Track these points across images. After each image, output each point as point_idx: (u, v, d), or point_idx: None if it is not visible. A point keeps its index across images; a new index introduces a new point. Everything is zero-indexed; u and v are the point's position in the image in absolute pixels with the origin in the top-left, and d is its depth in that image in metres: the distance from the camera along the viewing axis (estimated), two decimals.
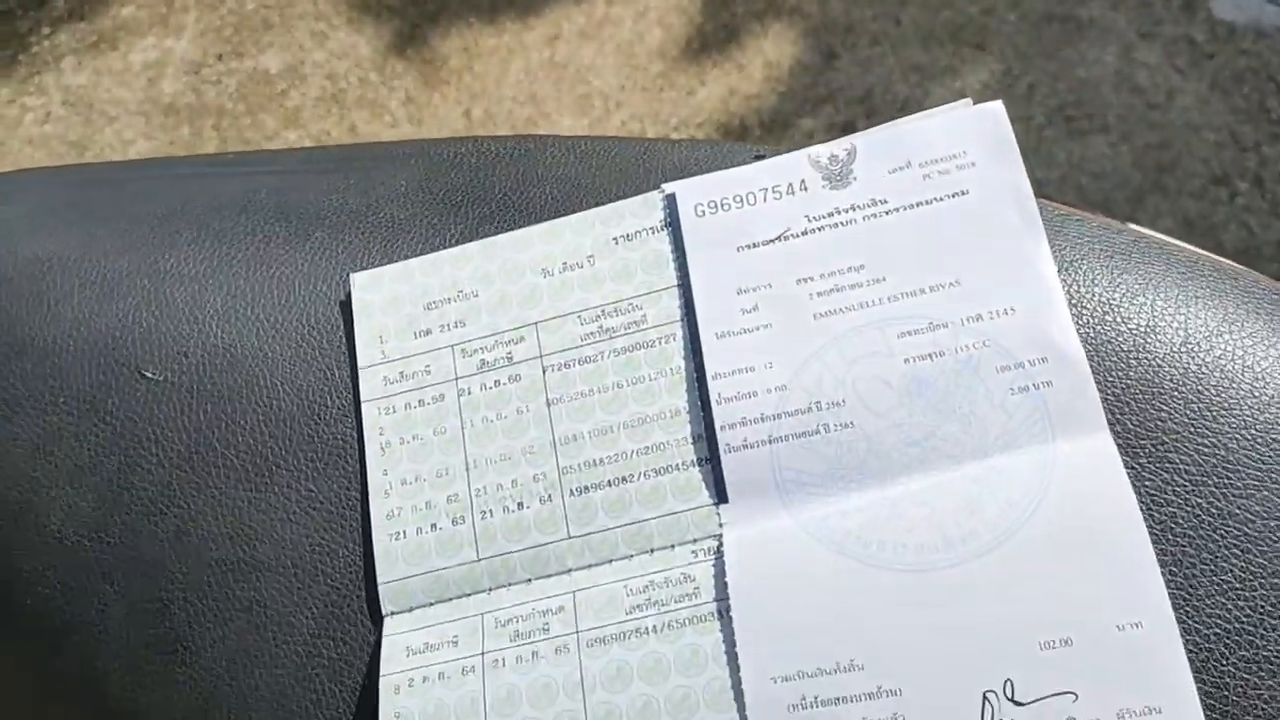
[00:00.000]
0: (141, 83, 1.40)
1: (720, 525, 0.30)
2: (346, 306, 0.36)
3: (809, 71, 1.40)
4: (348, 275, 0.36)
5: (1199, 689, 0.26)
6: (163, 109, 1.38)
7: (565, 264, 0.34)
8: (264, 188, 0.39)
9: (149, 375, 0.35)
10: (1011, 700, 0.26)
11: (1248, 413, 0.29)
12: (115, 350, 0.36)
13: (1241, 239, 1.27)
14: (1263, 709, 0.26)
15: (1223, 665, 0.27)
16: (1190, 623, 0.27)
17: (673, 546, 0.31)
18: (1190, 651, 0.27)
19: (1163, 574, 0.27)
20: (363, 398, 0.34)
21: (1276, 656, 0.27)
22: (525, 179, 0.38)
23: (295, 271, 0.37)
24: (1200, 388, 0.30)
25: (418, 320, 0.35)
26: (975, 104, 0.33)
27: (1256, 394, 0.29)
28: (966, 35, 1.28)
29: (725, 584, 0.29)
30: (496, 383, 0.33)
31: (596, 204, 0.36)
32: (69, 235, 0.38)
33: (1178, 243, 0.33)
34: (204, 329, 0.36)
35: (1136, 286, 0.31)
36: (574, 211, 0.35)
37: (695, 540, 0.30)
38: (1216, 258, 0.33)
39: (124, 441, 0.34)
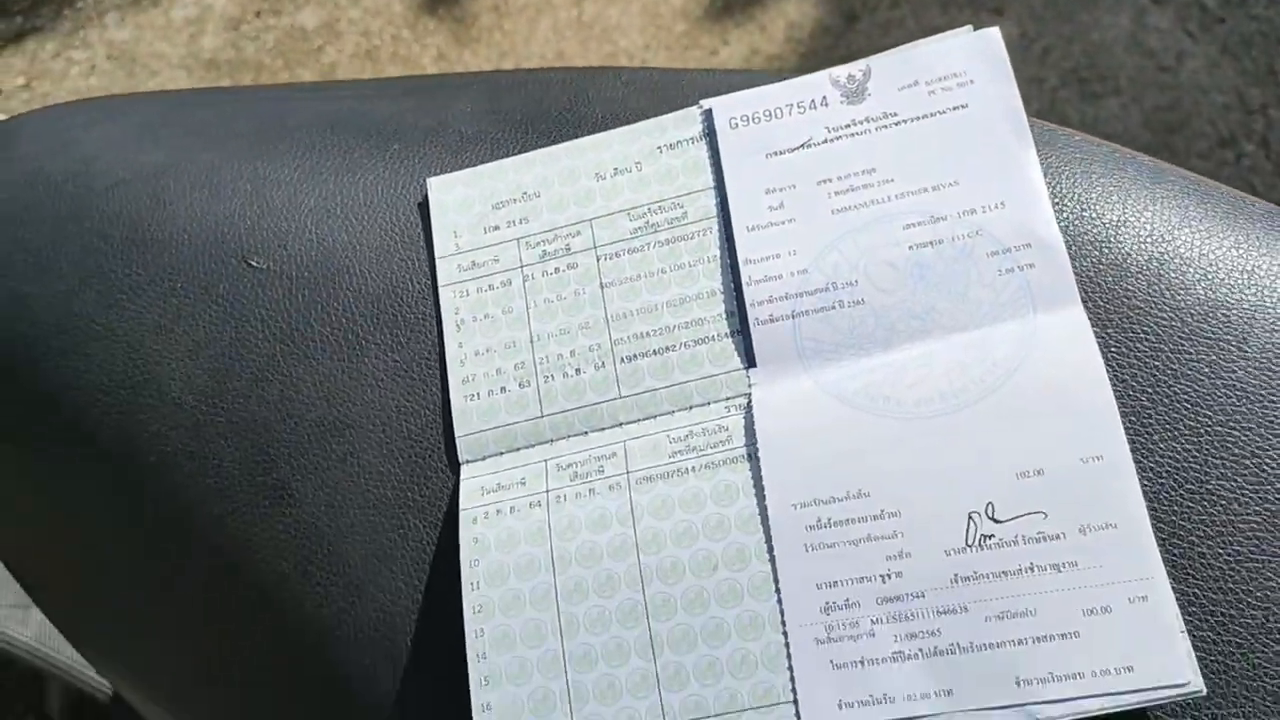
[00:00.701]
0: (183, 38, 1.45)
1: (750, 385, 0.36)
2: (424, 207, 0.41)
3: (829, 33, 1.44)
4: (424, 180, 0.41)
5: (1150, 514, 0.32)
6: (203, 64, 1.43)
7: (615, 169, 0.40)
8: (344, 109, 0.45)
9: (254, 264, 0.41)
10: (992, 519, 0.32)
11: (1201, 292, 0.34)
12: (224, 243, 0.41)
13: None
14: (1204, 531, 0.32)
15: (1171, 495, 0.32)
16: (1144, 460, 0.32)
17: (709, 403, 0.36)
18: (1144, 483, 0.32)
19: (1122, 421, 0.33)
20: (440, 283, 0.40)
21: (1216, 490, 0.32)
22: (577, 101, 0.43)
23: (377, 178, 0.42)
24: (1161, 271, 0.35)
25: (487, 218, 0.40)
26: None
27: (1209, 277, 0.35)
28: None
29: (754, 432, 0.35)
30: (556, 270, 0.39)
31: (642, 119, 0.41)
32: (175, 147, 0.44)
33: (1149, 158, 0.38)
34: (300, 225, 0.41)
35: (1110, 188, 0.36)
36: (621, 126, 0.41)
37: (728, 398, 0.36)
38: (1183, 170, 0.38)
39: (234, 321, 0.40)
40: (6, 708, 1.07)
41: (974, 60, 0.38)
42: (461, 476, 0.37)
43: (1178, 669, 0.30)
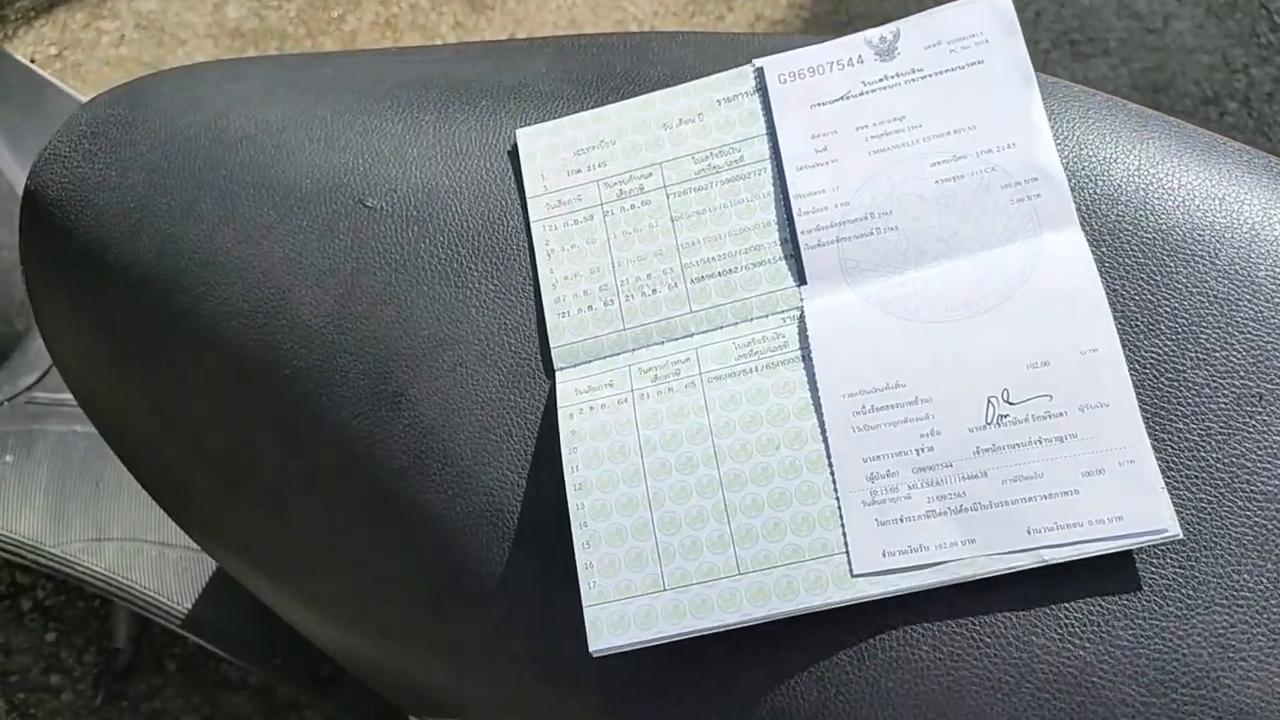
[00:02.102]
0: (208, 7, 1.50)
1: (802, 300, 0.43)
2: (514, 155, 0.48)
3: None
4: (513, 131, 0.48)
5: (1137, 395, 0.39)
6: (229, 33, 1.48)
7: (680, 120, 0.46)
8: (434, 71, 0.51)
9: (369, 205, 0.47)
10: (1007, 401, 0.39)
11: (1180, 216, 0.41)
12: (341, 187, 0.48)
13: None
14: (1181, 409, 0.39)
15: (1154, 381, 0.39)
16: (1132, 353, 0.39)
17: (768, 315, 0.43)
18: (1132, 371, 0.39)
19: (1114, 320, 0.39)
20: (531, 219, 0.46)
21: (1191, 377, 0.39)
22: (640, 61, 0.49)
23: (470, 129, 0.48)
24: (1146, 198, 0.42)
25: (570, 163, 0.47)
26: None
27: (1186, 203, 0.41)
28: None
29: (807, 337, 0.42)
30: (632, 206, 0.45)
31: (698, 79, 0.47)
32: (292, 105, 0.50)
33: (1137, 105, 0.45)
34: (407, 171, 0.48)
35: (1103, 130, 0.43)
36: (683, 83, 0.47)
37: (784, 311, 0.43)
38: (1166, 115, 0.45)
39: (354, 253, 0.47)
40: (68, 641, 1.14)
41: (988, 22, 0.44)
42: (557, 381, 0.44)
43: (1159, 518, 0.37)
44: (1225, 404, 0.39)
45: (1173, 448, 0.38)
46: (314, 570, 0.47)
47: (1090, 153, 0.43)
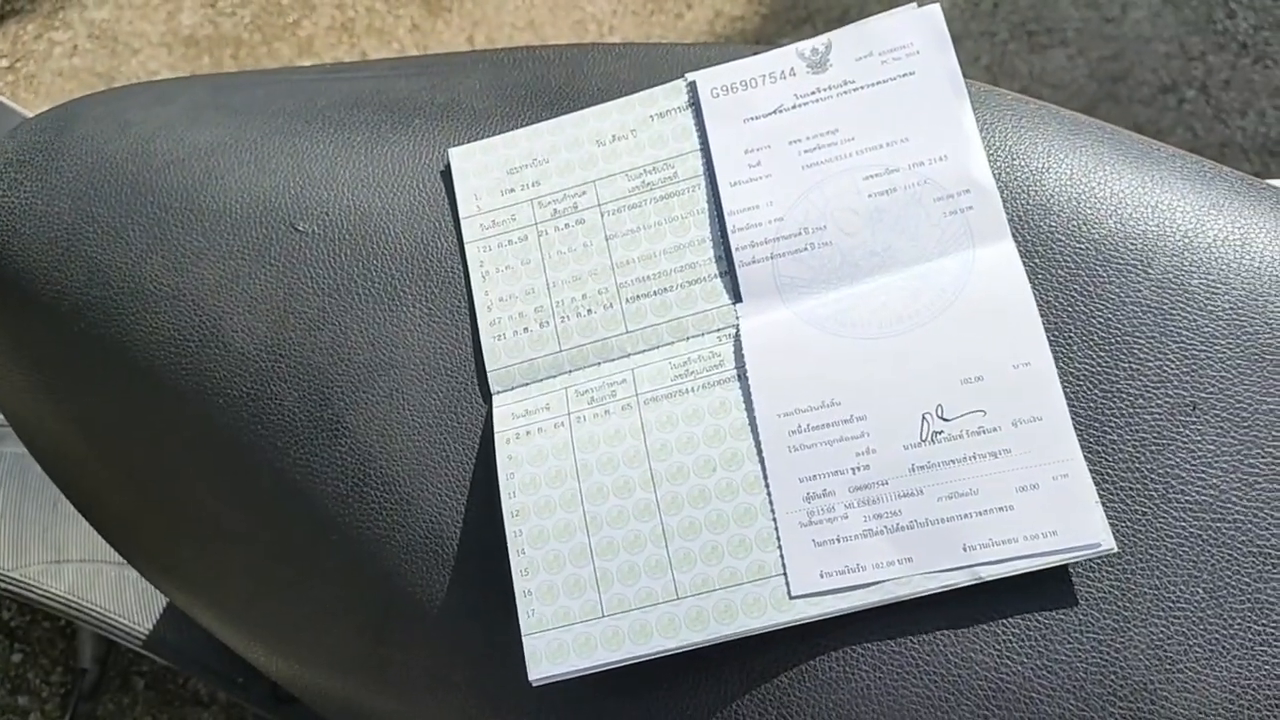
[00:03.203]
0: (161, 15, 1.48)
1: (737, 317, 0.42)
2: (447, 174, 0.47)
3: None
4: (446, 150, 0.47)
5: (1070, 408, 0.39)
6: (183, 40, 1.47)
7: (614, 136, 0.46)
8: (366, 89, 0.50)
9: (300, 229, 0.46)
10: (941, 418, 0.39)
11: (1112, 225, 0.41)
12: (272, 211, 0.47)
13: (1186, 141, 1.38)
14: (1114, 421, 0.39)
15: (1088, 393, 0.39)
16: (1065, 365, 0.39)
17: (703, 334, 0.42)
18: (1065, 384, 0.39)
19: (1046, 333, 0.39)
20: (465, 240, 0.46)
21: (1125, 388, 0.39)
22: (575, 75, 0.49)
23: (404, 149, 0.48)
24: (1078, 208, 0.41)
25: (503, 182, 0.46)
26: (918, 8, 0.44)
27: (1118, 212, 0.41)
28: None
29: (742, 356, 0.41)
30: (566, 225, 0.45)
31: (633, 93, 0.47)
32: (221, 128, 0.49)
33: (1070, 112, 0.45)
34: (339, 193, 0.47)
35: (1035, 139, 0.43)
36: (616, 99, 0.47)
37: (720, 329, 0.42)
38: (1099, 121, 0.45)
39: (286, 279, 0.46)
40: (34, 663, 1.13)
41: (918, 33, 0.44)
42: (494, 405, 0.43)
43: (1093, 532, 0.37)
44: (1159, 414, 0.39)
45: (1107, 459, 0.38)
46: (256, 601, 0.47)
47: (1022, 163, 0.42)
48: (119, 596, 0.89)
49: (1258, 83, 1.43)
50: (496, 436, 0.43)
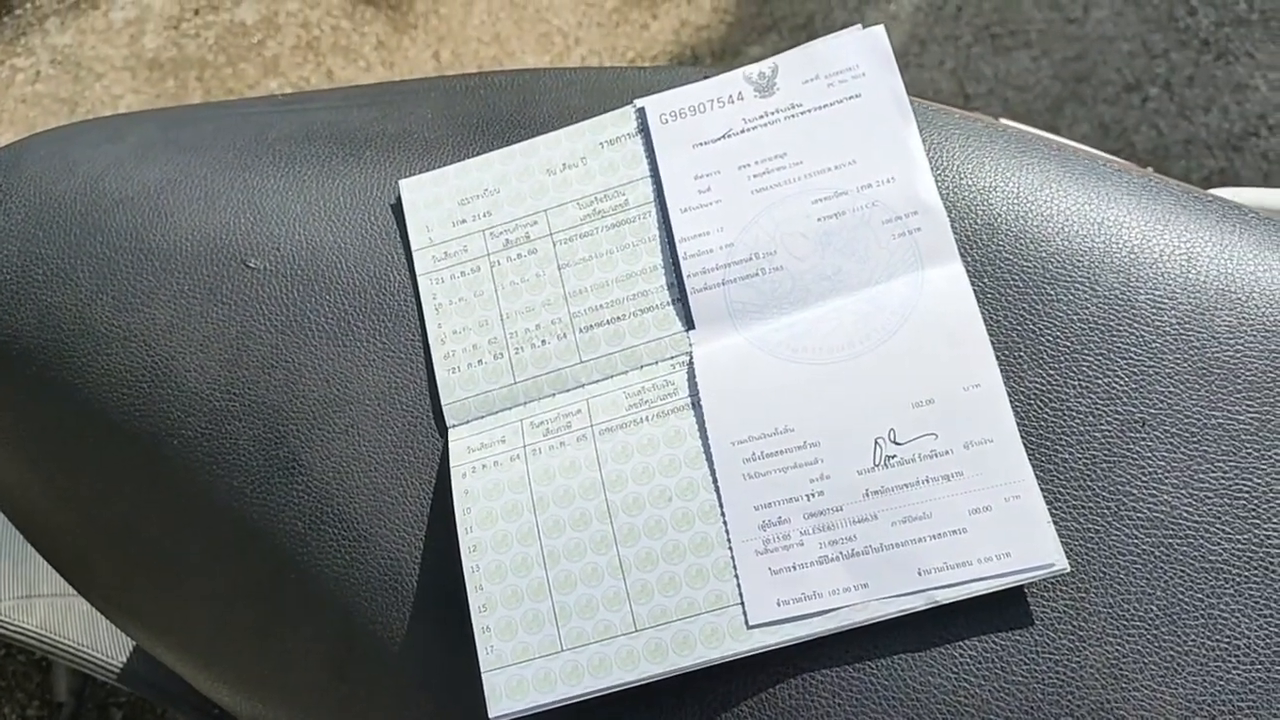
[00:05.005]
0: (124, 39, 1.47)
1: (690, 345, 0.42)
2: (398, 207, 0.47)
3: (754, 1, 1.49)
4: (397, 182, 0.47)
5: (1020, 429, 0.39)
6: (147, 64, 1.46)
7: (564, 164, 0.46)
8: (318, 120, 0.50)
9: (252, 265, 0.46)
10: (894, 442, 0.39)
11: (1060, 243, 0.41)
12: (223, 248, 0.47)
13: (1151, 139, 1.39)
14: (1065, 440, 0.39)
15: (1038, 413, 0.39)
16: (1015, 386, 0.39)
17: (657, 362, 0.42)
18: (1015, 404, 0.39)
19: (995, 354, 0.39)
20: (418, 273, 0.45)
21: (1074, 407, 0.39)
22: (525, 103, 0.49)
23: (355, 182, 0.48)
24: (1025, 227, 0.42)
25: (454, 213, 0.46)
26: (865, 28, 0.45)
27: (1065, 230, 0.41)
28: None
29: (696, 384, 0.41)
30: (518, 255, 0.45)
31: (584, 119, 0.47)
32: (171, 165, 0.49)
33: (1021, 126, 0.45)
34: (290, 229, 0.47)
35: (982, 158, 0.43)
36: (567, 125, 0.47)
37: (673, 357, 0.42)
38: (1048, 137, 0.45)
39: (239, 316, 0.46)
40: (9, 697, 1.12)
41: (864, 55, 0.44)
42: (450, 439, 0.43)
43: (1046, 553, 0.37)
44: (1109, 431, 0.39)
45: (1059, 478, 0.38)
46: (217, 641, 0.46)
47: (969, 182, 0.43)
48: (91, 630, 0.88)
49: (1220, 79, 1.44)
50: (452, 471, 0.42)
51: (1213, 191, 0.45)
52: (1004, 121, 0.46)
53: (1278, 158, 1.39)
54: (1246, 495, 0.37)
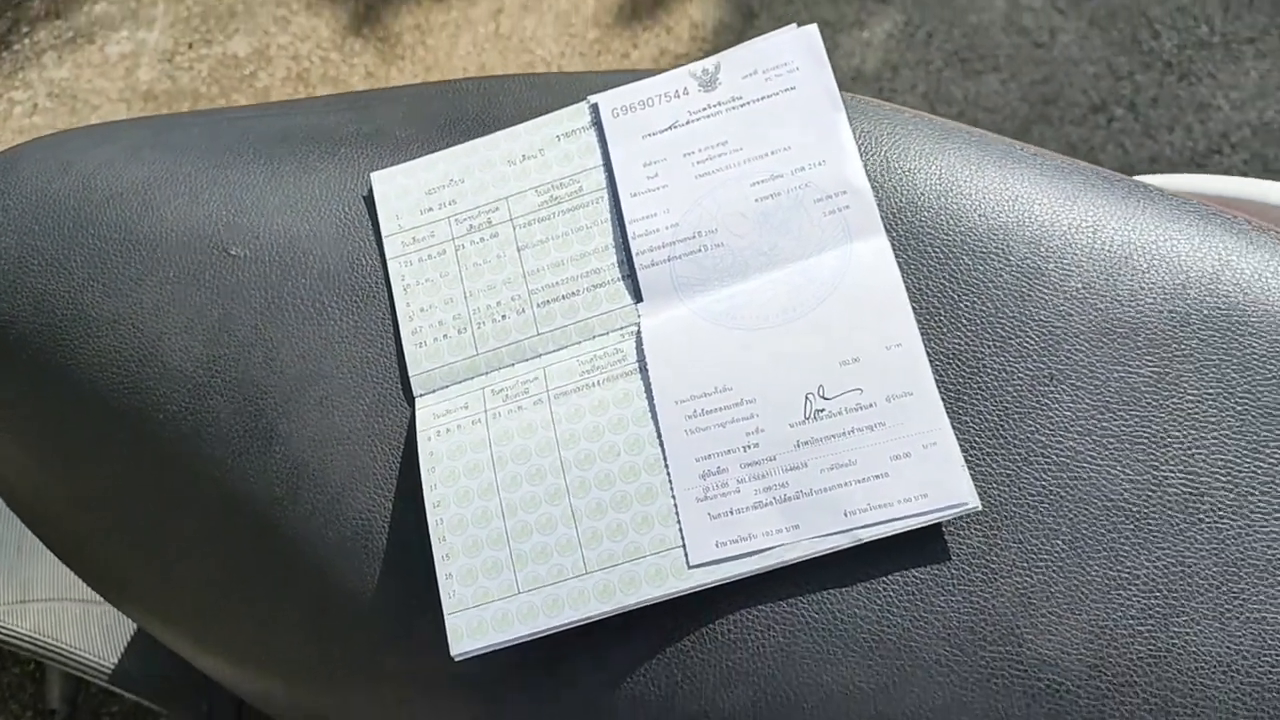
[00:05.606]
0: (119, 72, 1.52)
1: (639, 316, 0.46)
2: (369, 199, 0.50)
3: (731, 30, 1.54)
4: (368, 175, 0.51)
5: (939, 383, 0.42)
6: (141, 96, 1.50)
7: (524, 156, 0.49)
8: (297, 124, 0.54)
9: (233, 253, 0.50)
10: (823, 397, 0.42)
11: (976, 219, 0.45)
12: (206, 238, 0.50)
13: (1118, 158, 1.44)
14: (979, 394, 0.42)
15: (955, 370, 0.43)
16: (935, 345, 0.43)
17: (608, 333, 0.46)
18: (934, 362, 0.43)
19: (916, 318, 0.43)
20: (387, 257, 0.49)
21: (989, 365, 0.43)
22: (490, 103, 0.52)
23: (330, 176, 0.51)
24: (944, 205, 0.45)
25: (422, 201, 0.50)
26: (800, 29, 0.49)
27: (981, 207, 0.45)
28: None
29: (643, 351, 0.45)
30: (481, 239, 0.48)
31: (542, 115, 0.51)
32: (158, 164, 0.53)
33: (940, 119, 0.49)
34: (269, 219, 0.50)
35: (907, 144, 0.47)
36: (527, 120, 0.50)
37: (622, 328, 0.46)
38: (968, 126, 0.49)
39: (220, 300, 0.49)
40: (4, 707, 1.14)
41: (799, 52, 0.48)
42: (416, 407, 0.47)
43: (960, 493, 0.40)
44: (1021, 385, 0.42)
45: (974, 428, 0.42)
46: (208, 610, 0.49)
47: (895, 165, 0.46)
48: (84, 633, 0.91)
49: (1184, 99, 1.49)
50: (419, 435, 0.46)
51: (1142, 177, 0.48)
52: (927, 115, 0.50)
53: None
54: (1145, 441, 0.41)
